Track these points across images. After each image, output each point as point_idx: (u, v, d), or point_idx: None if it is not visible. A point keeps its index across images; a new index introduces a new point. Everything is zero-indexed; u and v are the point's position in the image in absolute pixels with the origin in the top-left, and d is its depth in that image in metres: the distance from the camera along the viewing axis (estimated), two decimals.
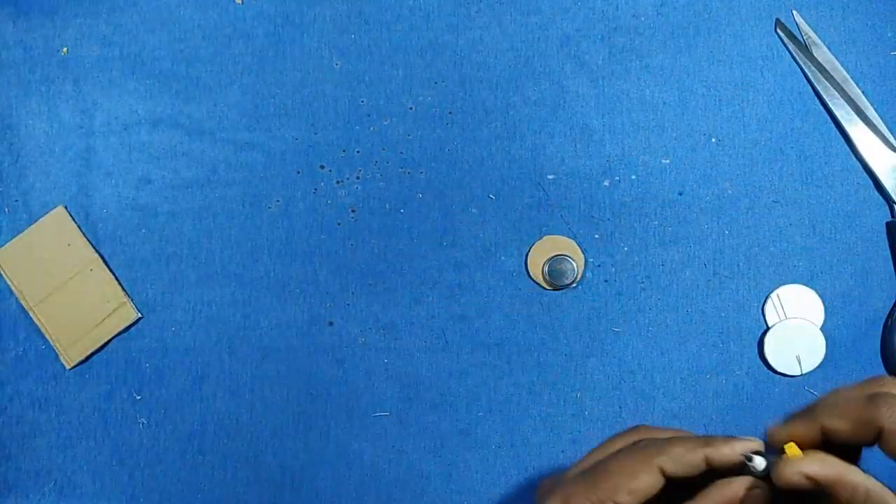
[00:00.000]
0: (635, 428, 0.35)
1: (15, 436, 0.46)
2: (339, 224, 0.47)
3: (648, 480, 0.33)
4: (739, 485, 0.31)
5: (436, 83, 0.48)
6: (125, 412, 0.46)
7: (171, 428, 0.46)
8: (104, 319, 0.46)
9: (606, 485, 0.33)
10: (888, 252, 0.46)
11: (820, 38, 0.47)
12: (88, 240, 0.47)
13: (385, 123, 0.47)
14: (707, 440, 0.33)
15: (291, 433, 0.46)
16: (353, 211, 0.47)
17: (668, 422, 0.45)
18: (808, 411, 0.31)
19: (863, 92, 0.46)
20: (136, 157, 0.48)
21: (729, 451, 0.32)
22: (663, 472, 0.33)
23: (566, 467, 0.35)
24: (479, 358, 0.46)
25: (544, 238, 0.46)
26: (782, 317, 0.45)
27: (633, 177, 0.47)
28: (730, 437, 0.32)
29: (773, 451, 0.31)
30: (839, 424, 0.30)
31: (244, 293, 0.47)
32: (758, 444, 0.32)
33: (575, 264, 0.45)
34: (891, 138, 0.43)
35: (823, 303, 0.45)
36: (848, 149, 0.46)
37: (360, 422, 0.46)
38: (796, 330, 0.45)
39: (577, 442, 0.46)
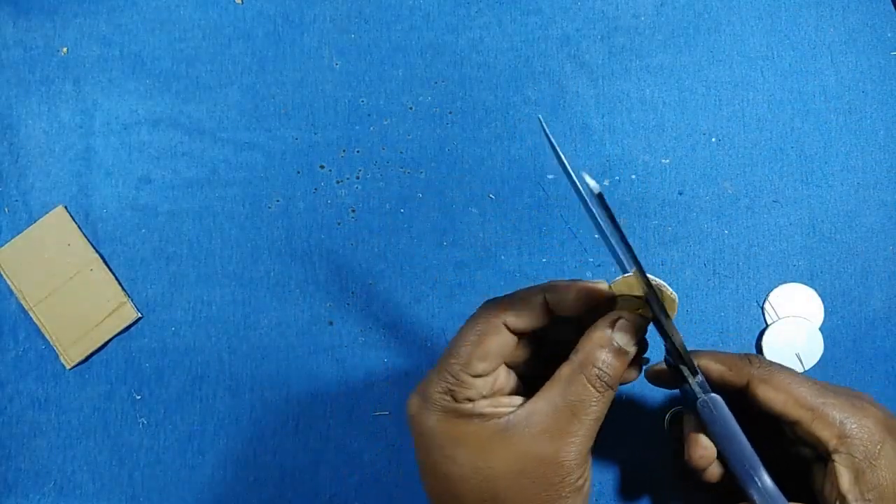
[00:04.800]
0: (485, 303, 0.35)
1: (15, 436, 0.46)
2: (339, 224, 0.47)
3: (497, 341, 0.33)
4: (607, 317, 0.34)
5: (436, 83, 0.48)
6: (125, 412, 0.46)
7: (171, 428, 0.46)
8: (104, 319, 0.46)
9: (457, 361, 0.33)
10: (888, 252, 0.46)
11: (818, 37, 0.47)
12: (88, 240, 0.47)
13: (385, 123, 0.47)
14: (546, 285, 0.34)
15: (291, 433, 0.46)
16: (353, 211, 0.47)
17: None
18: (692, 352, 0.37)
19: (862, 92, 0.46)
20: (136, 157, 0.48)
21: (565, 287, 0.34)
22: (510, 329, 0.34)
23: None
24: None
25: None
26: (781, 316, 0.45)
27: (633, 176, 0.47)
28: (570, 280, 0.34)
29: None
30: (714, 367, 0.36)
31: (244, 293, 0.47)
32: (599, 283, 0.34)
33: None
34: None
35: (823, 302, 0.45)
36: (848, 148, 0.46)
37: (360, 422, 0.46)
38: (795, 329, 0.45)
39: None
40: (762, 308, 0.46)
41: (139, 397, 0.46)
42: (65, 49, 0.48)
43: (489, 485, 0.32)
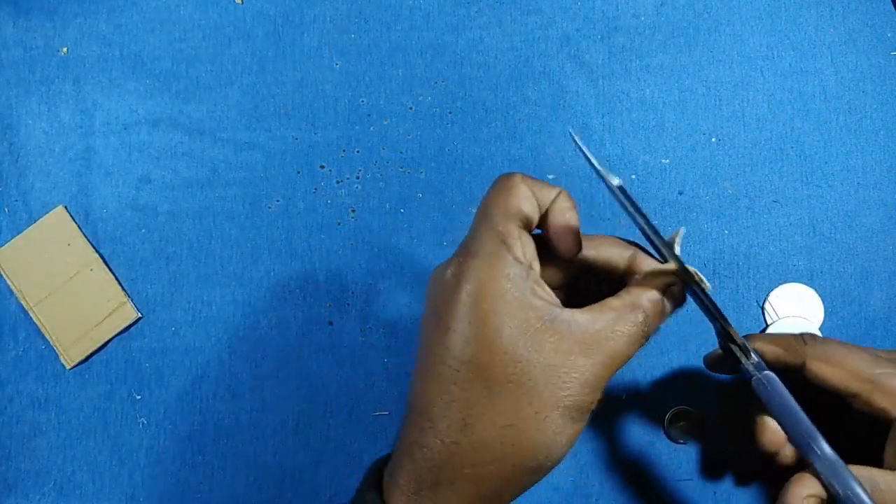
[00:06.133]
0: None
1: (15, 436, 0.46)
2: (339, 224, 0.47)
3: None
4: (664, 275, 0.34)
5: (436, 83, 0.48)
6: (125, 412, 0.46)
7: (171, 428, 0.46)
8: (104, 319, 0.46)
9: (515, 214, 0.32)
10: (888, 252, 0.46)
11: (818, 37, 0.47)
12: (88, 240, 0.47)
13: (385, 123, 0.47)
14: (636, 250, 0.35)
15: (291, 433, 0.46)
16: (353, 211, 0.47)
17: None
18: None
19: (862, 92, 0.46)
20: (136, 157, 0.48)
21: (647, 265, 0.34)
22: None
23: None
24: None
25: None
26: (781, 316, 0.45)
27: (633, 176, 0.47)
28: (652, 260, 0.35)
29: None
30: (769, 348, 0.37)
31: (244, 293, 0.47)
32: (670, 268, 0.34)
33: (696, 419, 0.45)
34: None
35: (823, 302, 0.45)
36: (848, 148, 0.46)
37: (360, 422, 0.46)
38: (795, 329, 0.45)
39: (580, 439, 0.45)
40: (762, 308, 0.46)
41: (139, 397, 0.46)
42: (65, 49, 0.48)
43: (522, 368, 0.30)
